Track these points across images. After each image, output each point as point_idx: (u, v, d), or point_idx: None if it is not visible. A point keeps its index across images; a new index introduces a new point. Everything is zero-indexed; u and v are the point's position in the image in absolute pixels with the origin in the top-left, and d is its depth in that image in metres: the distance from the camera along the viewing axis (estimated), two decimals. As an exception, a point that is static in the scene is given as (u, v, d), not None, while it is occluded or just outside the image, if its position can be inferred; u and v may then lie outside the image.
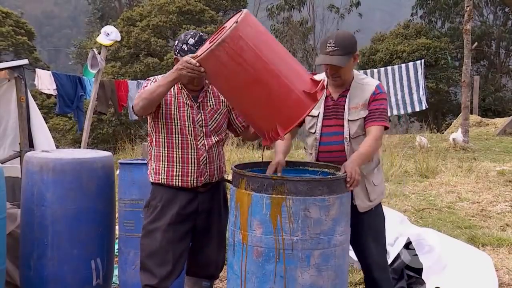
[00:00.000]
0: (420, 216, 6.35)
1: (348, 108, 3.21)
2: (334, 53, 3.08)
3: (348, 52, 3.11)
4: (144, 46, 23.59)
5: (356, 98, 3.21)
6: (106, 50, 8.28)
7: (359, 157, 3.02)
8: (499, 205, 6.79)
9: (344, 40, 3.11)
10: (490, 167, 9.26)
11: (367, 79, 3.30)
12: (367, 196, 3.24)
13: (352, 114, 3.20)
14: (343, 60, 3.10)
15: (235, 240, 2.90)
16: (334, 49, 3.08)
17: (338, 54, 3.08)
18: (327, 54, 3.10)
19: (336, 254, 2.82)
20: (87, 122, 8.61)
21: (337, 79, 3.20)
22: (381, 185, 3.36)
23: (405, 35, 25.12)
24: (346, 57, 3.10)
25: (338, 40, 3.10)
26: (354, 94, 3.22)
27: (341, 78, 3.19)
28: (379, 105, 3.18)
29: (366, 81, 3.27)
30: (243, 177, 2.87)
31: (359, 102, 3.20)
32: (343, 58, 3.09)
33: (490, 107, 23.61)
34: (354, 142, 3.19)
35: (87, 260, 3.57)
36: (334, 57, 3.09)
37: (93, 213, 3.57)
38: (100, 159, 3.69)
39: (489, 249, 5.13)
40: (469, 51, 12.54)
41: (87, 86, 11.31)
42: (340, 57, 3.09)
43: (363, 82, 3.25)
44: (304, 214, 2.73)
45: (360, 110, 3.20)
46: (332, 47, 3.08)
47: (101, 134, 22.52)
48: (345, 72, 3.18)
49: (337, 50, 3.08)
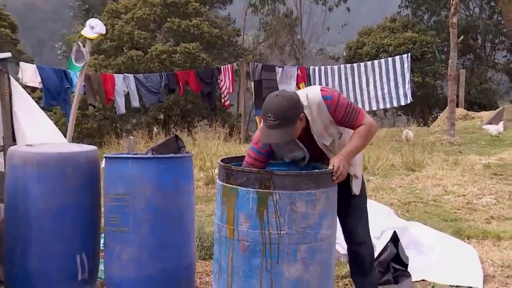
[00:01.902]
0: (407, 210, 6.39)
1: (317, 137, 3.06)
2: (276, 127, 2.83)
3: (291, 122, 2.85)
4: (127, 38, 23.44)
5: (317, 125, 3.02)
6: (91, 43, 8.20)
7: (348, 154, 2.99)
8: (484, 198, 6.85)
9: (284, 112, 2.81)
10: (476, 160, 9.34)
11: (310, 98, 2.99)
12: (355, 177, 3.19)
13: (325, 139, 3.07)
14: (287, 134, 2.86)
15: (221, 235, 2.89)
16: (275, 124, 2.82)
17: (280, 127, 2.83)
18: (269, 127, 2.85)
19: (323, 248, 2.83)
20: (71, 116, 8.54)
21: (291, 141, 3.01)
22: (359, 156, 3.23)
23: (392, 29, 25.23)
24: (289, 128, 2.86)
25: (276, 113, 2.81)
26: (313, 122, 3.01)
27: (292, 140, 3.00)
28: (342, 108, 2.98)
29: (311, 101, 2.98)
30: (229, 171, 2.87)
31: (323, 125, 3.03)
32: (286, 132, 2.85)
33: (476, 101, 23.80)
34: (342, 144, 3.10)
35: (72, 255, 3.54)
36: (276, 132, 2.84)
37: (78, 207, 3.54)
38: (85, 153, 3.66)
39: (474, 241, 5.18)
40: (455, 44, 12.63)
41: (73, 79, 11.24)
42: (282, 131, 2.84)
43: (311, 105, 2.98)
44: (291, 209, 2.73)
45: (329, 130, 3.04)
46: (272, 122, 2.82)
47: (86, 129, 22.40)
48: (295, 134, 2.97)
49: (278, 124, 2.82)
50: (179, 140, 3.78)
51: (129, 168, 3.50)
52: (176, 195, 3.59)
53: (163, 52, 22.58)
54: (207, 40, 24.26)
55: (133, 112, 22.11)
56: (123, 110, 12.90)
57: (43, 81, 11.01)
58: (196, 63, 22.25)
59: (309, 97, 3.00)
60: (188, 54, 22.52)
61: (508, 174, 8.18)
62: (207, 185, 7.99)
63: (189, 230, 3.73)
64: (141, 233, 3.49)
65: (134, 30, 23.54)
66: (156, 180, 3.51)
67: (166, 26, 23.82)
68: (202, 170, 8.79)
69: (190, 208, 3.75)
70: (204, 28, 24.04)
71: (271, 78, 13.02)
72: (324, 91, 3.00)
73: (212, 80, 13.84)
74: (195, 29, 23.73)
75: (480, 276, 4.26)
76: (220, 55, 25.07)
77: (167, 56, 22.51)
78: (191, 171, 3.81)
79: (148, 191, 3.48)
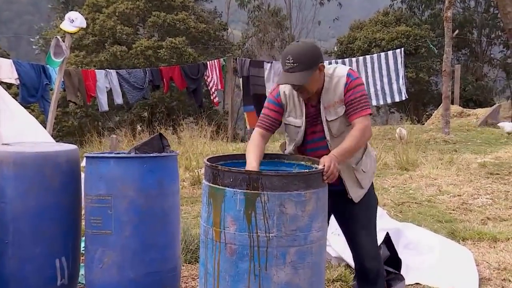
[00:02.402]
0: (400, 210, 6.42)
1: (324, 108, 3.15)
2: (294, 70, 2.97)
3: (308, 67, 2.98)
4: (109, 33, 23.32)
5: (330, 94, 3.14)
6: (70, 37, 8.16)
7: (340, 153, 3.00)
8: (480, 198, 6.90)
9: (304, 54, 2.98)
10: (471, 159, 9.40)
11: (337, 71, 3.16)
12: (359, 186, 3.25)
13: (330, 114, 3.15)
14: (304, 77, 2.98)
15: (207, 238, 2.89)
16: (293, 66, 2.97)
17: (298, 70, 2.97)
18: (287, 71, 3.00)
19: (313, 251, 2.83)
20: (50, 114, 8.50)
21: (303, 94, 3.13)
22: (371, 168, 3.33)
23: (384, 23, 25.29)
24: (305, 72, 2.98)
25: (296, 55, 2.97)
26: (326, 90, 3.14)
27: (309, 92, 3.12)
28: (355, 94, 3.09)
29: (336, 73, 3.15)
30: (216, 171, 2.86)
31: (334, 99, 3.13)
32: (303, 75, 2.98)
33: (471, 97, 23.90)
34: (339, 140, 3.13)
35: (51, 259, 3.53)
36: (294, 75, 2.98)
37: (57, 209, 3.53)
38: (64, 153, 3.64)
39: (469, 243, 5.21)
40: (450, 39, 12.68)
41: (52, 75, 11.17)
42: (300, 74, 2.97)
43: (332, 76, 3.14)
44: (280, 210, 2.73)
45: (337, 108, 3.13)
46: (291, 64, 2.97)
47: (66, 127, 22.26)
48: (311, 85, 3.08)
49: (296, 67, 2.97)
50: (164, 139, 3.77)
51: (111, 168, 3.49)
52: (161, 196, 3.58)
53: (149, 47, 22.50)
54: (193, 35, 24.21)
55: (116, 110, 22.03)
56: (106, 107, 12.84)
57: (20, 77, 10.93)
58: (183, 58, 22.20)
59: (336, 70, 3.16)
60: (175, 49, 22.46)
61: (504, 173, 8.24)
62: (193, 185, 7.98)
63: (174, 233, 3.73)
64: (124, 236, 3.48)
65: (117, 25, 23.41)
66: (139, 180, 3.50)
67: (151, 21, 23.73)
68: (187, 170, 8.77)
69: (175, 209, 3.75)
70: (190, 23, 23.98)
71: (258, 74, 13.04)
72: (351, 71, 3.17)
73: (198, 76, 13.82)
74: (181, 23, 23.67)
75: (475, 279, 4.29)
76: (206, 50, 25.04)
77: (153, 51, 22.44)
78: (176, 171, 3.80)
79: (131, 192, 3.48)
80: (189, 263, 4.65)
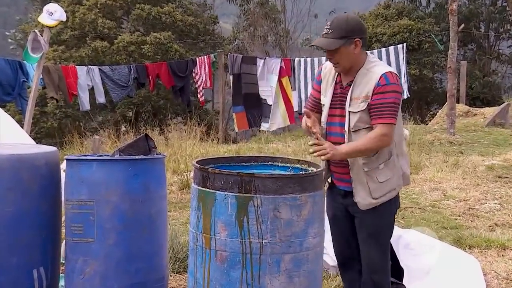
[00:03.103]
0: (402, 216, 6.43)
1: (350, 98, 3.26)
2: (328, 36, 3.21)
3: (342, 36, 3.18)
4: (90, 27, 23.26)
5: (360, 87, 3.26)
6: (49, 31, 8.14)
7: (347, 151, 3.13)
8: (487, 203, 6.92)
9: (341, 23, 3.20)
10: (478, 161, 9.43)
11: (376, 67, 3.29)
12: (369, 194, 3.28)
13: (353, 105, 3.26)
14: (333, 43, 3.18)
15: (197, 245, 2.90)
16: (328, 32, 3.21)
17: (331, 37, 3.19)
18: (322, 36, 3.25)
19: (309, 259, 2.84)
20: (28, 113, 8.47)
21: (336, 65, 3.29)
22: (390, 181, 3.33)
23: (385, 16, 25.35)
24: (337, 40, 3.18)
25: (334, 22, 3.22)
26: (358, 82, 3.27)
27: (340, 64, 3.27)
28: (384, 99, 3.18)
29: (374, 69, 3.27)
30: (205, 174, 2.87)
31: (362, 93, 3.24)
32: (333, 41, 3.18)
33: (479, 96, 23.97)
34: (355, 136, 3.24)
35: (28, 269, 3.52)
36: (325, 40, 3.22)
37: (35, 216, 3.52)
38: (43, 155, 3.63)
39: (476, 251, 5.23)
40: (455, 33, 12.72)
41: (30, 71, 11.13)
42: (330, 40, 3.19)
43: (371, 70, 3.27)
44: (274, 215, 2.74)
45: (361, 102, 3.23)
46: (327, 30, 3.21)
47: (45, 128, 22.19)
48: (342, 57, 3.24)
49: (331, 33, 3.19)
50: (150, 140, 3.77)
51: (94, 172, 3.48)
52: (147, 201, 3.58)
53: (131, 43, 22.47)
54: (180, 29, 24.18)
55: (99, 109, 21.98)
56: (87, 107, 12.82)
57: (-6, 74, 10.90)
58: (169, 55, 22.17)
59: (375, 67, 3.27)
60: (159, 45, 22.43)
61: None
62: (182, 190, 7.97)
63: (161, 240, 3.73)
64: (107, 244, 3.47)
65: (98, 18, 23.36)
66: (124, 184, 3.50)
67: (135, 14, 23.71)
68: (175, 173, 8.77)
69: (162, 215, 3.75)
70: (177, 16, 23.96)
71: (251, 72, 13.05)
72: (391, 74, 3.23)
73: (186, 73, 13.82)
74: (167, 16, 23.65)
75: (482, 289, 4.30)
76: (195, 45, 25.01)
77: (136, 47, 22.40)
78: (163, 175, 3.80)
79: (115, 197, 3.47)
80: (177, 272, 4.65)
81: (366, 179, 3.25)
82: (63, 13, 8.20)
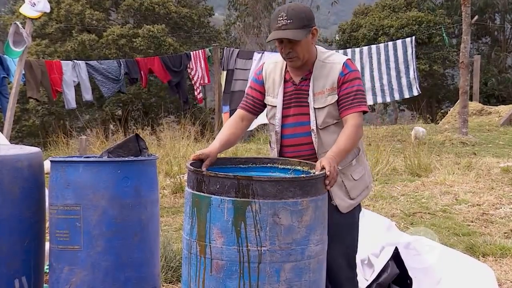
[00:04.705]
0: (411, 222, 6.45)
1: (313, 94, 3.25)
2: (288, 27, 3.13)
3: (304, 25, 3.15)
4: (77, 19, 23.22)
5: (321, 81, 3.25)
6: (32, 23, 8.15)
7: (338, 154, 3.07)
8: (502, 208, 6.93)
9: (298, 12, 3.16)
10: (493, 163, 9.45)
11: (333, 56, 3.31)
12: (347, 194, 3.30)
13: (318, 101, 3.25)
14: (298, 33, 3.13)
15: (191, 253, 2.90)
16: (287, 23, 3.13)
17: (292, 27, 3.13)
18: (279, 29, 3.15)
19: (311, 268, 2.84)
20: (9, 112, 8.48)
21: (294, 59, 3.23)
22: (364, 179, 3.39)
23: (393, 7, 25.41)
24: (300, 30, 3.14)
25: (290, 12, 3.14)
26: (318, 75, 3.26)
27: (299, 58, 3.22)
28: (352, 87, 3.21)
29: (332, 59, 3.29)
30: (200, 176, 2.87)
31: (326, 86, 3.23)
32: (297, 32, 3.13)
33: (493, 93, 24.02)
34: (323, 133, 3.25)
35: (9, 279, 3.51)
36: (289, 31, 3.13)
37: (17, 222, 3.52)
38: (25, 156, 3.63)
39: (491, 260, 5.23)
40: (469, 26, 12.74)
41: (11, 66, 11.12)
42: (295, 31, 3.13)
43: (328, 61, 3.28)
44: (273, 221, 2.74)
45: (328, 96, 3.23)
46: (284, 21, 3.13)
47: (27, 127, 22.21)
48: (303, 49, 3.20)
49: (290, 24, 3.13)
50: (141, 140, 3.77)
51: (80, 174, 3.48)
52: (137, 206, 3.58)
53: (122, 36, 22.46)
54: (174, 21, 24.20)
55: (86, 107, 21.97)
56: (73, 104, 12.80)
57: (-28, 70, 10.89)
58: (162, 49, 22.18)
59: (331, 56, 3.31)
60: (152, 39, 22.42)
61: (530, 179, 8.28)
62: (175, 193, 7.98)
63: (152, 248, 3.73)
64: (95, 252, 3.47)
65: (85, 10, 23.35)
66: (113, 188, 3.50)
67: (125, 4, 23.71)
68: (168, 176, 8.77)
69: (154, 221, 3.75)
70: (171, 7, 23.97)
71: (245, 67, 13.01)
72: (350, 61, 3.29)
73: (181, 68, 13.81)
74: (161, 7, 23.66)
75: (497, 300, 4.31)
76: (189, 38, 25.02)
77: (127, 40, 22.38)
78: (155, 178, 3.80)
79: (103, 201, 3.47)
80: (170, 282, 4.65)
81: (341, 177, 3.26)
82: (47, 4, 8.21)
